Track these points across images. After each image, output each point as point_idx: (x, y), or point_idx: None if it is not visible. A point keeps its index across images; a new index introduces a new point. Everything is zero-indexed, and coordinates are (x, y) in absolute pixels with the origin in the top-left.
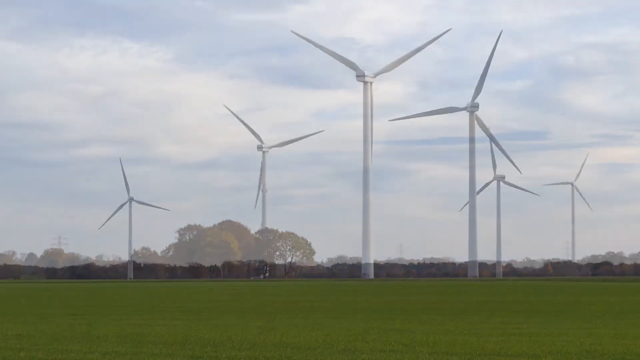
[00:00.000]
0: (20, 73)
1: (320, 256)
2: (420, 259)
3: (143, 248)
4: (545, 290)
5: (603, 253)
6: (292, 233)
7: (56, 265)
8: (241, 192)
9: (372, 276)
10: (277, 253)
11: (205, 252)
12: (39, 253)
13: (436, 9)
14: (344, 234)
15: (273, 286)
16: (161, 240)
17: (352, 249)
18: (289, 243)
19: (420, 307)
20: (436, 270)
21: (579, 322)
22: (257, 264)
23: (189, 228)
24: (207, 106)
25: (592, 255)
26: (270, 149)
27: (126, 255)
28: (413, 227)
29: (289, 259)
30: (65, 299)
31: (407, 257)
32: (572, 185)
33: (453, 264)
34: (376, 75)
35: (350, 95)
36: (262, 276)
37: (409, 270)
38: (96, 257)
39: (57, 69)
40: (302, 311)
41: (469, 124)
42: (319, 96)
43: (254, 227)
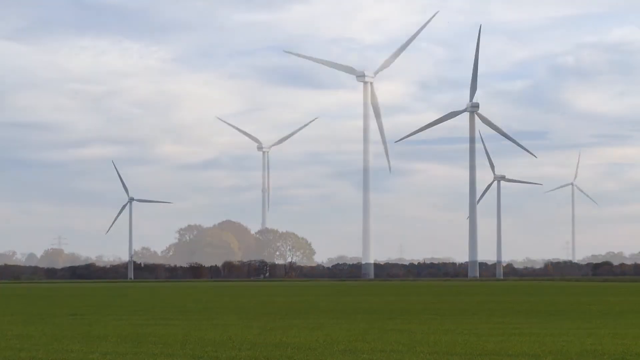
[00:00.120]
0: (20, 73)
1: (321, 256)
2: (421, 259)
3: (143, 248)
4: (546, 291)
5: (603, 253)
6: (292, 233)
7: (56, 266)
8: (241, 192)
9: (372, 276)
10: (277, 253)
11: (206, 252)
12: (39, 253)
13: (436, 9)
14: (344, 234)
15: (273, 286)
16: (161, 241)
17: (352, 249)
18: (289, 243)
19: (421, 307)
20: (436, 270)
21: (579, 322)
22: (257, 264)
23: (189, 228)
24: (207, 106)
25: (593, 255)
26: (270, 148)
27: (126, 256)
28: (413, 227)
29: (289, 259)
30: (65, 299)
31: (407, 257)
32: (572, 185)
33: (453, 264)
34: (376, 74)
35: (350, 95)
36: (262, 276)
37: (409, 270)
38: (96, 257)
39: (57, 69)
40: (302, 311)
41: (469, 123)
42: (319, 96)
43: (254, 227)
